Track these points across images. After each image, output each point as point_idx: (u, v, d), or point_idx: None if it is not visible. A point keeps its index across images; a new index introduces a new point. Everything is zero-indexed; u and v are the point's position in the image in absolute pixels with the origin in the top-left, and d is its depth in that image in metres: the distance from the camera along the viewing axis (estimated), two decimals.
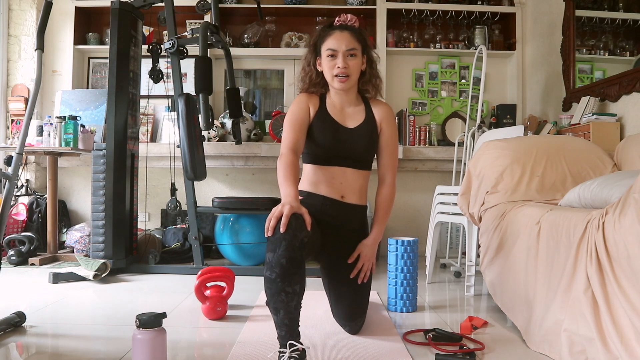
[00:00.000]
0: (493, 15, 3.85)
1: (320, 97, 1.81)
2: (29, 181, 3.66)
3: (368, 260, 1.77)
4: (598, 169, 2.24)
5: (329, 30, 1.74)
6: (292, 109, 1.76)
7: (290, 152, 1.66)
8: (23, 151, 1.87)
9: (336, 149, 1.75)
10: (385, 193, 1.81)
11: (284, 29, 3.93)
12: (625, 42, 2.82)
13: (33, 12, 3.75)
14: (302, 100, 1.78)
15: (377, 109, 1.81)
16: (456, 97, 3.95)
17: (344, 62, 1.69)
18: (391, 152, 1.82)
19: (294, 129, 1.71)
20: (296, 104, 1.78)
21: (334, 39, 1.71)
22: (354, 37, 1.72)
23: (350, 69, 1.70)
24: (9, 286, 2.52)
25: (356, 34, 1.74)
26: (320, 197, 1.76)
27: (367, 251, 1.77)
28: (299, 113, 1.74)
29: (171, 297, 2.33)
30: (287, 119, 1.75)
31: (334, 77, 1.71)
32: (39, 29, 1.95)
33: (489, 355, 1.59)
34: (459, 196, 2.46)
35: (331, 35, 1.72)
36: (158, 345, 1.33)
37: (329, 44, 1.71)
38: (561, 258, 1.54)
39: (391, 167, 1.82)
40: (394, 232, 3.82)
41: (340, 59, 1.69)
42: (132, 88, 2.99)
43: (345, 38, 1.70)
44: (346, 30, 1.72)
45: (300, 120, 1.73)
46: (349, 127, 1.77)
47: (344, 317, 1.79)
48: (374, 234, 1.80)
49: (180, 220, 3.65)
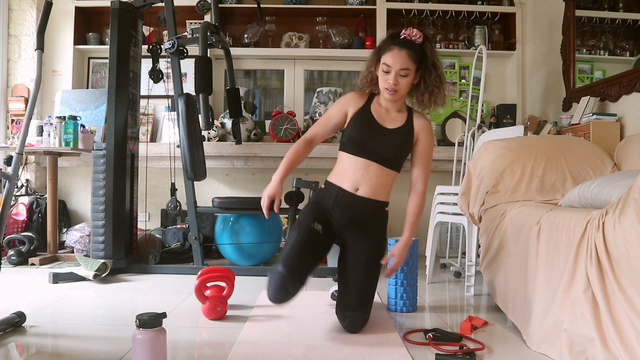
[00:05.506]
0: (493, 15, 3.85)
1: (370, 97, 1.95)
2: (29, 181, 3.66)
3: (400, 262, 1.92)
4: (598, 169, 2.24)
5: (391, 45, 1.81)
6: (333, 108, 1.96)
7: (304, 140, 1.93)
8: (23, 151, 1.87)
9: (366, 142, 1.87)
10: (416, 200, 1.92)
11: (284, 29, 3.93)
12: (625, 42, 2.82)
13: (33, 12, 3.75)
14: (345, 101, 1.94)
15: (417, 120, 1.92)
16: (456, 97, 3.95)
17: (395, 80, 1.80)
18: (425, 162, 1.93)
19: (322, 124, 1.96)
20: (338, 103, 1.95)
21: (391, 56, 1.80)
22: (410, 57, 1.80)
23: (400, 87, 1.82)
24: (9, 286, 2.52)
25: (414, 52, 1.80)
26: (337, 187, 1.89)
27: (399, 254, 1.91)
28: (335, 115, 1.94)
29: (171, 297, 2.33)
30: (325, 114, 1.97)
31: (385, 89, 1.84)
32: (39, 29, 1.95)
33: (489, 355, 1.59)
34: (459, 196, 2.46)
35: (391, 51, 1.80)
36: (158, 345, 1.33)
37: (386, 58, 1.81)
38: (561, 258, 1.54)
39: (423, 177, 1.92)
40: (394, 232, 3.81)
41: (392, 76, 1.80)
42: (132, 88, 2.99)
43: (401, 58, 1.79)
44: (405, 49, 1.79)
45: (332, 120, 1.94)
46: (385, 127, 1.88)
47: (349, 304, 1.80)
48: (405, 237, 1.92)
49: (180, 220, 3.65)
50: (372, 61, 1.91)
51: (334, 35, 3.88)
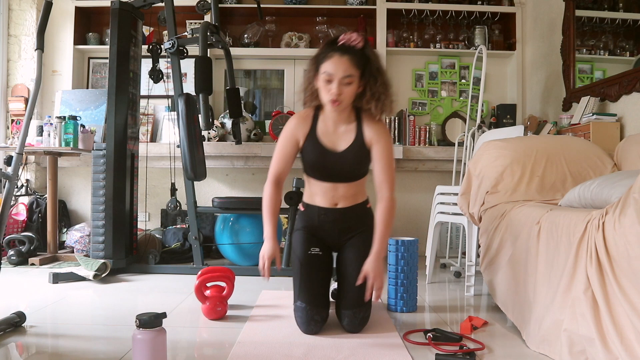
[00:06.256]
0: (493, 15, 3.85)
1: (314, 114, 1.84)
2: (29, 181, 3.66)
3: (375, 277, 1.72)
4: (598, 169, 2.24)
5: (330, 51, 1.69)
6: (282, 139, 1.84)
7: (273, 184, 1.83)
8: (23, 151, 1.87)
9: (325, 171, 1.84)
10: (382, 207, 1.80)
11: (284, 29, 3.93)
12: (625, 42, 2.82)
13: (33, 12, 3.75)
14: (291, 128, 1.83)
15: (367, 129, 1.80)
16: (456, 97, 3.95)
17: (338, 89, 1.67)
18: (384, 166, 1.80)
19: (280, 159, 1.84)
20: (286, 133, 1.84)
21: (332, 64, 1.67)
22: (353, 63, 1.68)
23: (344, 96, 1.69)
24: (9, 286, 2.52)
25: (357, 57, 1.69)
26: (316, 207, 1.89)
27: (372, 268, 1.73)
28: (287, 146, 1.83)
29: (171, 297, 2.33)
30: (278, 144, 1.85)
31: (328, 100, 1.71)
32: (39, 29, 1.95)
33: (489, 355, 1.59)
34: (459, 196, 2.46)
35: (331, 58, 1.68)
36: (158, 345, 1.32)
37: (327, 66, 1.68)
38: (561, 258, 1.54)
39: (386, 182, 1.80)
40: (394, 232, 3.78)
41: (335, 85, 1.67)
42: (132, 88, 2.99)
43: (343, 64, 1.66)
44: (346, 55, 1.67)
45: (287, 152, 1.84)
46: (337, 151, 1.81)
47: (346, 303, 1.81)
48: (375, 250, 1.76)
49: (180, 220, 3.65)
50: (311, 72, 1.75)
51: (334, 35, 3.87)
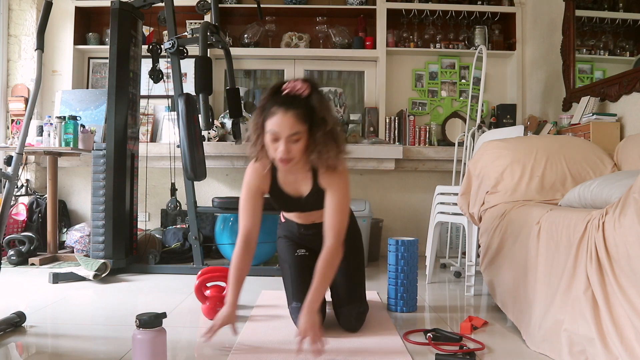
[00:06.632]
0: (493, 15, 3.85)
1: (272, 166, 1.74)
2: (29, 181, 3.66)
3: (307, 331, 1.52)
4: (598, 169, 2.24)
5: (274, 106, 1.56)
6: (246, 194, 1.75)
7: (243, 244, 1.71)
8: (23, 151, 1.87)
9: (295, 208, 1.87)
10: (322, 257, 1.64)
11: (284, 29, 3.93)
12: (625, 42, 2.82)
13: (33, 12, 3.75)
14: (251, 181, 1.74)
15: (321, 177, 1.70)
16: (456, 97, 3.95)
17: (286, 148, 1.55)
18: (332, 214, 1.67)
19: (248, 213, 1.74)
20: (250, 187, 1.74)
21: (276, 123, 1.54)
22: (299, 118, 1.54)
23: (293, 153, 1.58)
24: (9, 286, 2.52)
25: (302, 109, 1.55)
26: (294, 223, 1.95)
27: (302, 322, 1.55)
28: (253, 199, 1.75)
29: (171, 297, 2.33)
30: (242, 200, 1.75)
31: (277, 159, 1.60)
32: (39, 29, 1.95)
33: (489, 355, 1.59)
34: (459, 196, 2.46)
35: (274, 115, 1.54)
36: (158, 345, 1.33)
37: (271, 124, 1.55)
38: (561, 258, 1.54)
39: (332, 229, 1.66)
40: (394, 232, 3.82)
41: (282, 144, 1.55)
42: (132, 88, 2.99)
43: (287, 122, 1.53)
44: (290, 111, 1.53)
45: (253, 205, 1.75)
46: (302, 196, 1.77)
47: (339, 301, 1.85)
48: (306, 301, 1.59)
49: (180, 220, 3.65)
50: (257, 125, 1.61)
51: (334, 35, 3.88)
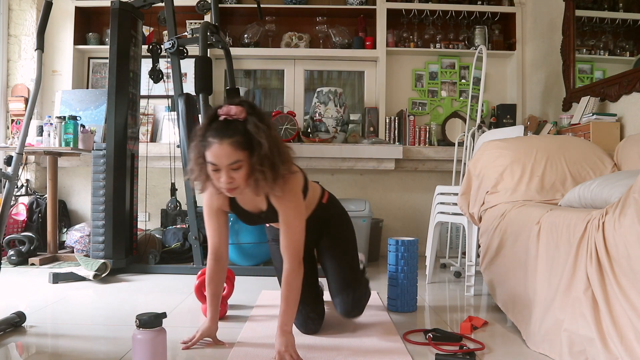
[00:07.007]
0: (493, 15, 3.86)
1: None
2: (29, 181, 3.66)
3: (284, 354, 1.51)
4: (598, 169, 2.24)
5: (209, 138, 1.49)
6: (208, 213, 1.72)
7: (213, 260, 1.75)
8: (23, 151, 1.87)
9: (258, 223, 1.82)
10: (284, 279, 1.61)
11: (284, 29, 3.93)
12: (625, 42, 2.82)
13: (33, 12, 3.75)
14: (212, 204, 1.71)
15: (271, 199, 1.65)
16: (456, 97, 3.95)
17: (227, 178, 1.50)
18: (284, 235, 1.63)
19: (214, 232, 1.73)
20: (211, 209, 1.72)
21: (214, 154, 1.48)
22: (236, 146, 1.47)
23: (237, 182, 1.52)
24: (9, 286, 2.52)
25: (239, 136, 1.48)
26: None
27: (278, 345, 1.54)
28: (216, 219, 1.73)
29: (171, 297, 2.33)
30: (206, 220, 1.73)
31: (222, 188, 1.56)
32: (39, 29, 1.95)
33: (489, 355, 1.59)
34: (459, 196, 2.46)
35: (211, 147, 1.48)
36: (158, 345, 1.33)
37: (209, 156, 1.49)
38: (561, 258, 1.54)
39: (286, 249, 1.62)
40: (394, 232, 3.82)
41: (223, 174, 1.50)
42: (132, 88, 2.99)
43: (224, 153, 1.47)
44: (225, 141, 1.47)
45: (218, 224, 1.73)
46: (262, 211, 1.72)
47: (335, 290, 1.87)
48: (278, 325, 1.58)
49: (180, 220, 3.65)
50: (198, 156, 1.55)
51: (334, 35, 3.88)
